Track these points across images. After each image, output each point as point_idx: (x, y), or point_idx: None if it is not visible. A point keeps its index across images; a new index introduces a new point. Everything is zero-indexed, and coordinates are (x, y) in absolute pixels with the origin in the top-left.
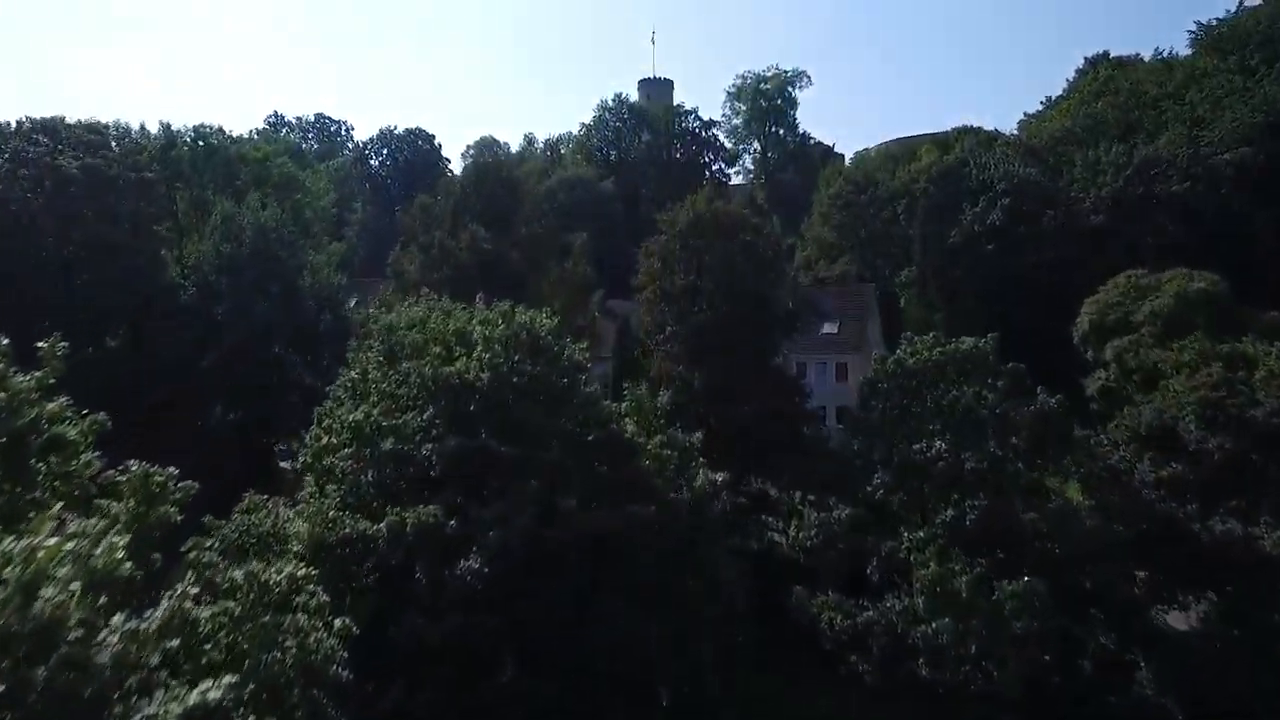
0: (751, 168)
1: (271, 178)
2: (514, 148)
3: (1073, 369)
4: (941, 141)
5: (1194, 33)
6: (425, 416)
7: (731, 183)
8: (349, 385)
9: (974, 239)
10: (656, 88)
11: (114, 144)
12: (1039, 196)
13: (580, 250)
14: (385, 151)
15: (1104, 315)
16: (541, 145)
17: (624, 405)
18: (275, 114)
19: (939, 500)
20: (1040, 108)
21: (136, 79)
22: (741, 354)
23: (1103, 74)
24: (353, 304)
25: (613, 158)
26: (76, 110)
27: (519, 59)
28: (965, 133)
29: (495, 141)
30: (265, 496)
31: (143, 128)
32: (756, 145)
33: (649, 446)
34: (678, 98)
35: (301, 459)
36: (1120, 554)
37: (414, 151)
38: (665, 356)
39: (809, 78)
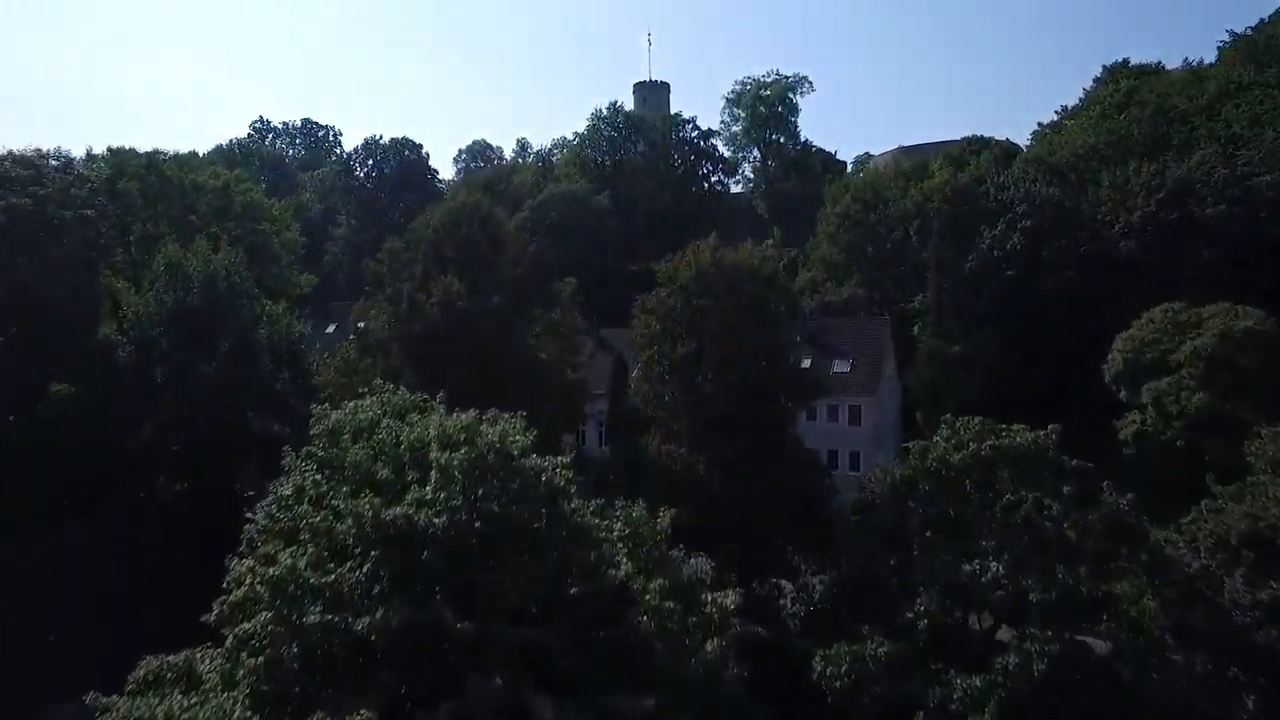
0: (751, 176)
1: (233, 208)
2: (507, 152)
3: (1101, 406)
4: (955, 156)
5: (1225, 42)
6: (366, 570)
7: (731, 191)
8: (280, 507)
9: (992, 264)
10: (652, 91)
11: (53, 177)
12: (1062, 219)
13: (569, 298)
14: (371, 162)
15: (1139, 353)
16: (535, 152)
17: (616, 527)
18: (261, 119)
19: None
20: (1055, 118)
21: (126, 80)
22: (753, 432)
23: (1124, 84)
24: (332, 330)
25: (607, 168)
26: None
27: (513, 61)
28: (977, 144)
29: (488, 146)
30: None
31: (89, 154)
32: (756, 153)
33: (648, 595)
34: (675, 101)
35: (215, 611)
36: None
37: (400, 162)
38: (666, 436)
39: (810, 83)
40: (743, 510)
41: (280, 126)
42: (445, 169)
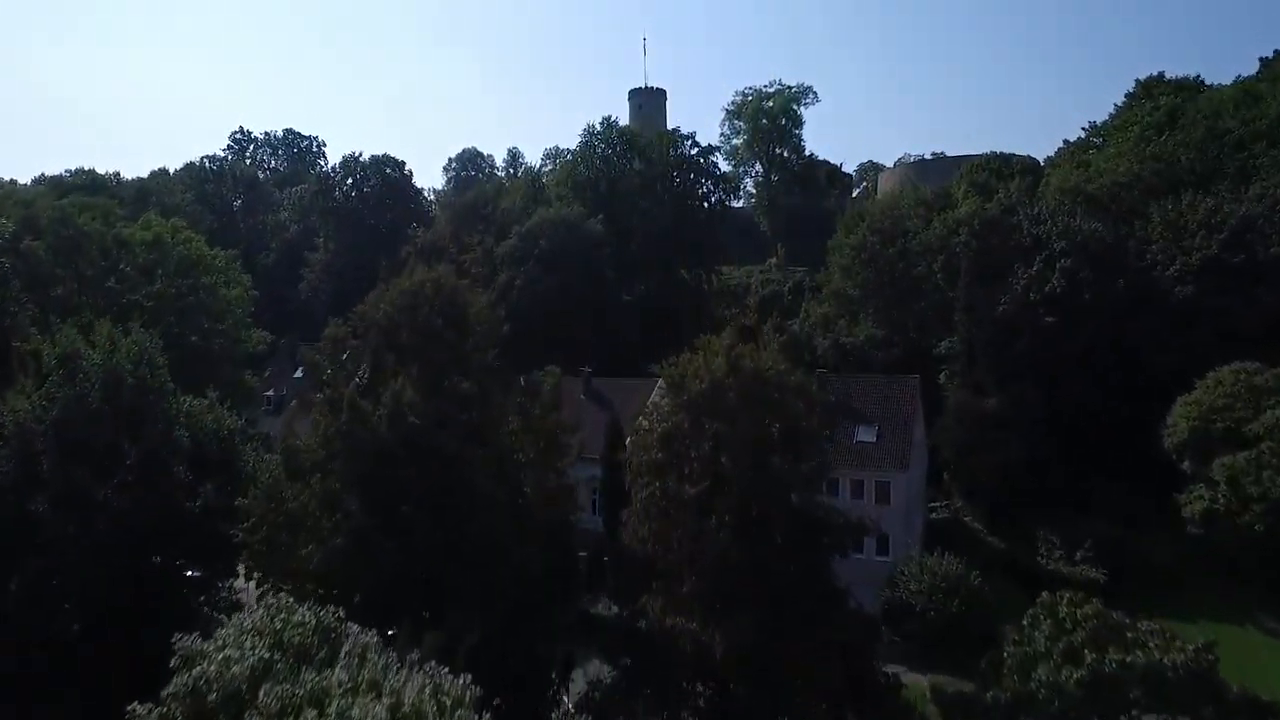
0: (753, 191)
1: (168, 263)
2: (498, 160)
3: (1157, 472)
4: (980, 184)
5: (1268, 58)
6: None
7: (733, 205)
8: None
9: (1029, 308)
10: (648, 98)
11: None
12: (1106, 258)
13: (551, 396)
14: (350, 181)
15: (1207, 421)
16: (525, 167)
17: None
18: (241, 130)
19: None
20: (1083, 134)
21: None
22: (783, 596)
23: (1164, 101)
24: (297, 375)
25: (602, 188)
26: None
27: (506, 66)
28: (996, 161)
29: (479, 154)
30: None
31: None
32: (759, 167)
33: None
34: (671, 108)
35: None
36: None
37: (382, 180)
38: (671, 602)
39: (815, 94)
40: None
41: (261, 137)
42: (435, 177)
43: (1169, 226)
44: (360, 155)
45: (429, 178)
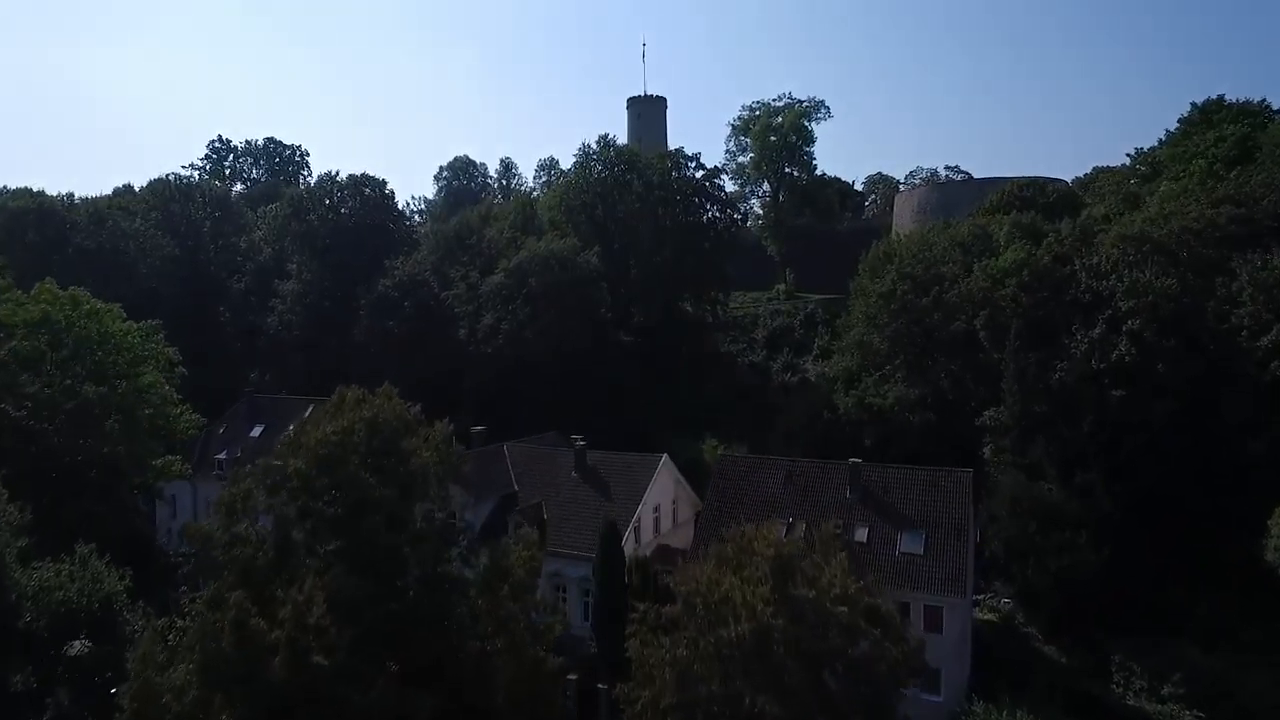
0: (760, 211)
1: (62, 347)
2: (491, 169)
3: (1266, 582)
4: (1026, 226)
5: None
6: None
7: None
8: None
9: (1092, 378)
10: (648, 107)
11: None
12: (1184, 323)
13: (526, 571)
14: (326, 203)
15: None
16: (519, 174)
17: None
18: (220, 138)
19: None
20: (1127, 161)
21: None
22: None
23: (1230, 130)
24: (258, 432)
25: (598, 213)
26: None
27: (505, 69)
28: (1030, 187)
29: (471, 163)
30: None
31: None
32: (766, 186)
33: None
34: (671, 117)
35: None
36: None
37: (360, 201)
38: None
39: (827, 109)
40: None
41: (242, 146)
42: (427, 186)
43: (1259, 287)
44: (337, 174)
45: (420, 185)
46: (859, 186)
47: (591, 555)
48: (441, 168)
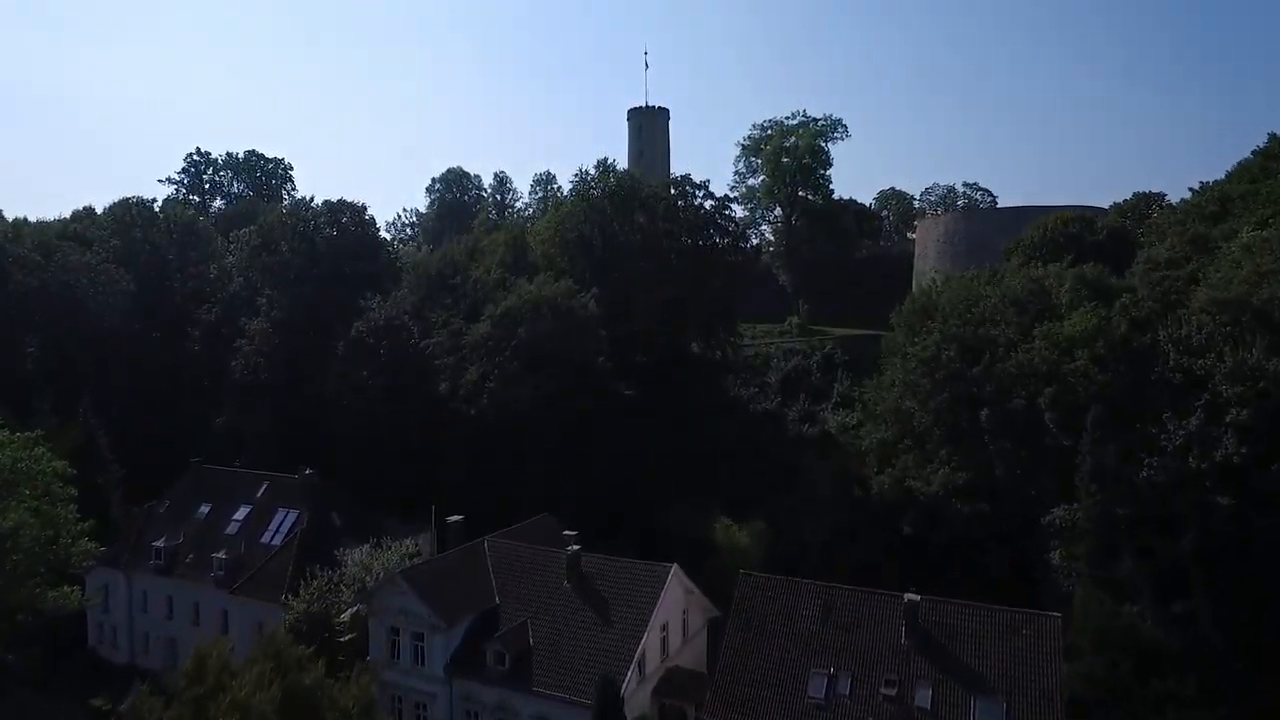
0: (771, 237)
1: None
2: (485, 181)
3: None
4: (1092, 281)
5: None
6: None
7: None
8: None
9: (1190, 480)
10: (649, 119)
11: None
12: None
13: None
14: (299, 232)
15: None
16: (513, 188)
17: None
18: (198, 151)
19: None
20: (1190, 195)
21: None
22: None
23: None
24: (205, 511)
25: (597, 246)
26: None
27: (501, 83)
28: (1076, 220)
29: (464, 175)
30: None
31: None
32: (778, 211)
33: None
34: (674, 130)
35: None
36: None
37: (337, 230)
38: None
39: (845, 128)
40: None
41: (222, 158)
42: (419, 199)
43: None
44: (312, 200)
45: (411, 198)
46: (869, 202)
47: (585, 701)
48: (434, 180)
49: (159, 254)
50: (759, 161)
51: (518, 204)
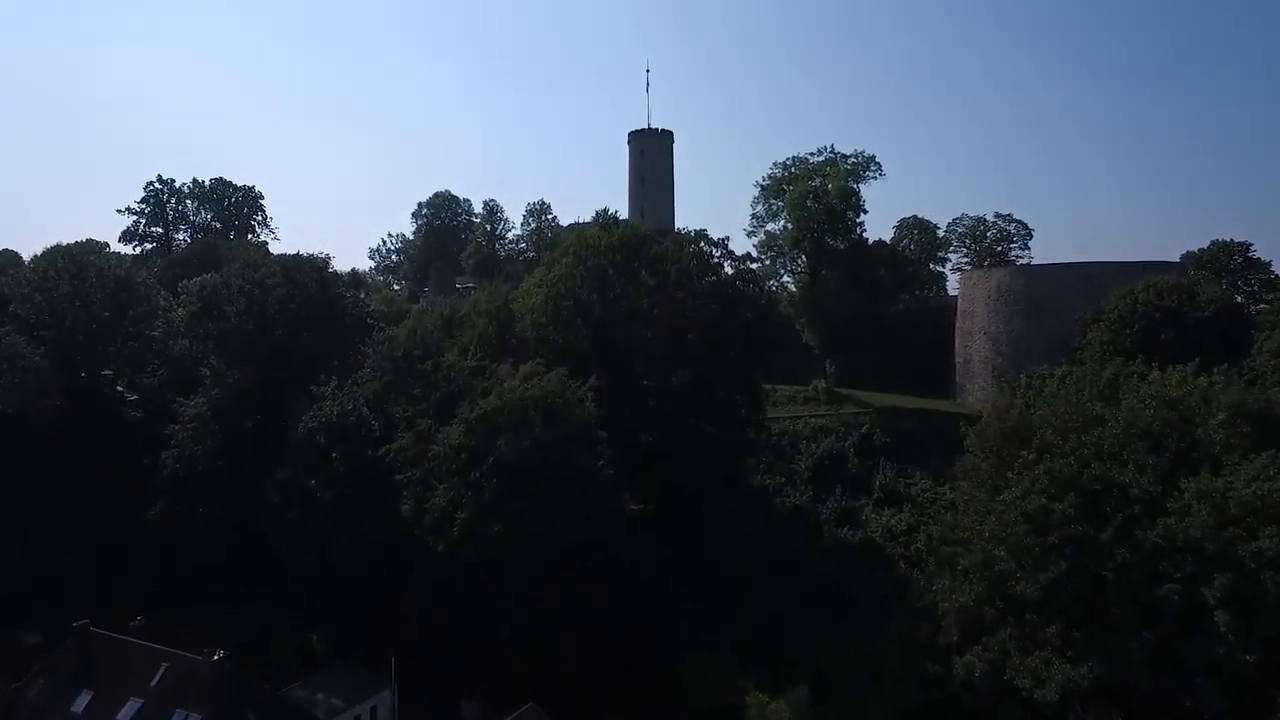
0: (795, 289)
1: None
2: (476, 205)
3: None
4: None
5: None
6: None
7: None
8: None
9: None
10: (651, 142)
11: None
12: None
13: None
14: (248, 294)
15: None
16: (505, 217)
17: None
18: (159, 179)
19: None
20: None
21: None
22: None
23: None
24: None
25: (596, 316)
26: None
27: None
28: (1182, 296)
29: (453, 199)
30: None
31: None
32: (803, 259)
33: None
34: (679, 154)
35: None
36: None
37: (291, 288)
38: None
39: (878, 165)
40: None
41: (186, 187)
42: (403, 223)
43: None
44: (266, 251)
45: (397, 223)
46: (889, 232)
47: None
48: (420, 204)
49: (88, 313)
50: (780, 204)
51: (509, 234)
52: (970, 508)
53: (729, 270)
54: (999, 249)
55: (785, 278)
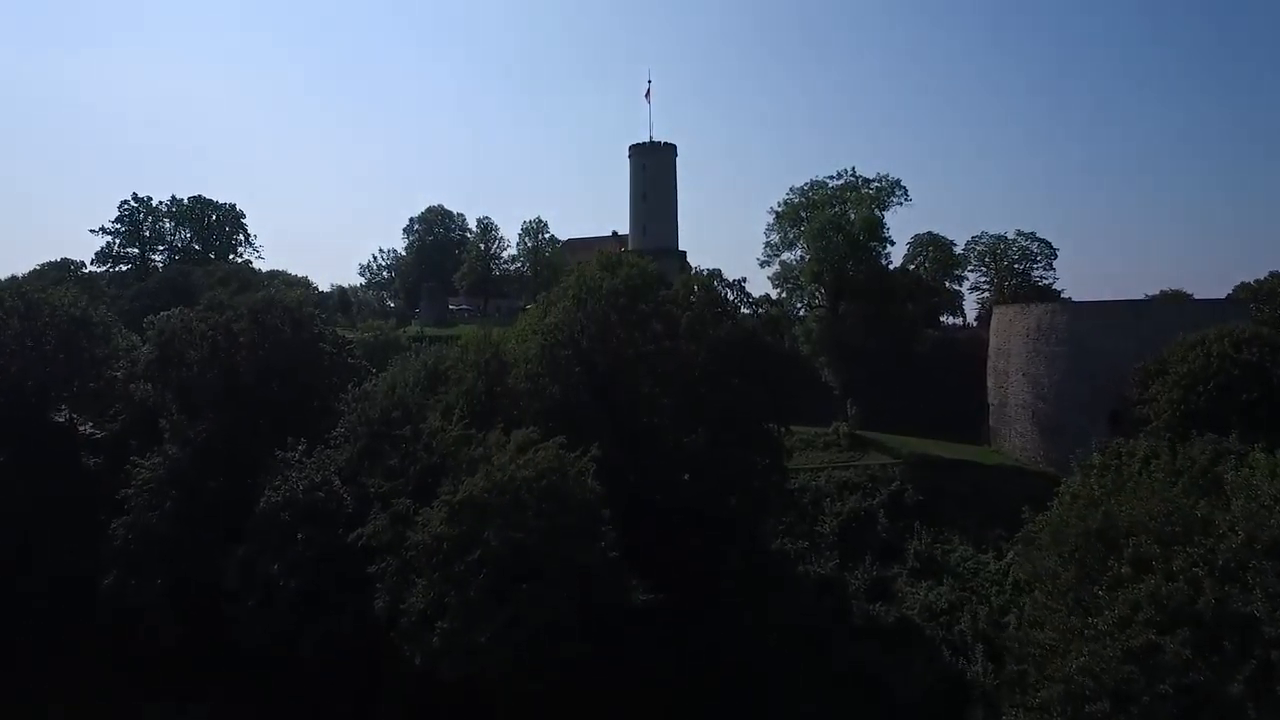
0: (814, 324)
1: None
2: (470, 221)
3: None
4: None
5: None
6: None
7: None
8: None
9: None
10: (653, 157)
11: None
12: None
13: None
14: (209, 342)
15: None
16: (500, 236)
17: None
18: (134, 196)
19: None
20: None
21: None
22: None
23: None
24: None
25: (599, 367)
26: None
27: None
28: (1263, 349)
29: (446, 213)
30: None
31: None
32: (821, 292)
33: None
34: (683, 168)
35: None
36: None
37: (259, 334)
38: None
39: (904, 190)
40: None
41: (164, 205)
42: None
43: None
44: (233, 289)
45: (388, 238)
46: (902, 250)
47: None
48: (411, 219)
49: (40, 355)
50: (798, 233)
51: (504, 254)
52: (1047, 621)
53: (747, 315)
54: (1019, 267)
55: (801, 310)
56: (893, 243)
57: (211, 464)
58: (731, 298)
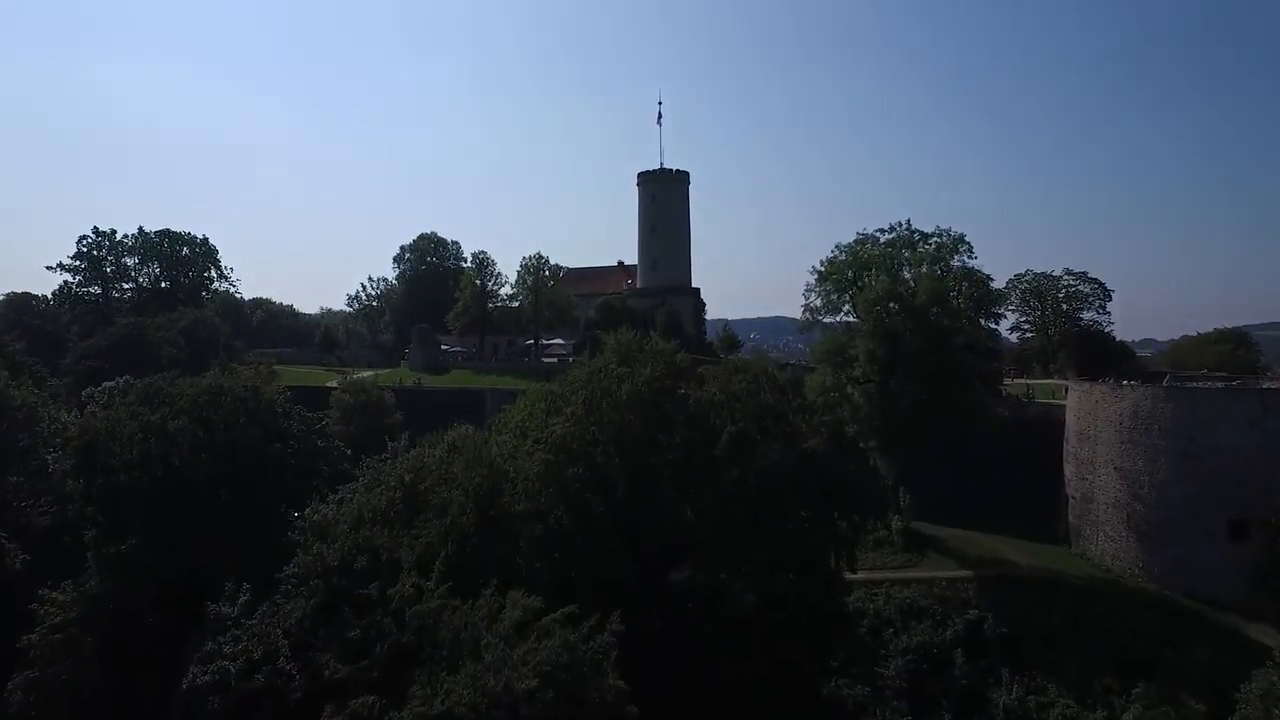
0: (862, 401)
1: None
2: (465, 248)
3: None
4: None
5: None
6: None
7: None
8: None
9: None
10: (664, 186)
11: None
12: None
13: None
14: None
15: None
16: (496, 270)
17: None
18: (95, 231)
19: None
20: None
21: None
22: None
23: None
24: None
25: (617, 461)
26: None
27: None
28: None
29: (440, 241)
30: None
31: None
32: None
33: None
34: (695, 197)
35: None
36: None
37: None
38: None
39: (969, 245)
40: None
41: (129, 238)
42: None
43: None
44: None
45: (379, 267)
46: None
47: None
48: (402, 248)
49: None
50: (844, 298)
51: (502, 291)
52: None
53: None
54: (1066, 308)
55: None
56: (966, 319)
57: (137, 599)
58: (765, 388)
